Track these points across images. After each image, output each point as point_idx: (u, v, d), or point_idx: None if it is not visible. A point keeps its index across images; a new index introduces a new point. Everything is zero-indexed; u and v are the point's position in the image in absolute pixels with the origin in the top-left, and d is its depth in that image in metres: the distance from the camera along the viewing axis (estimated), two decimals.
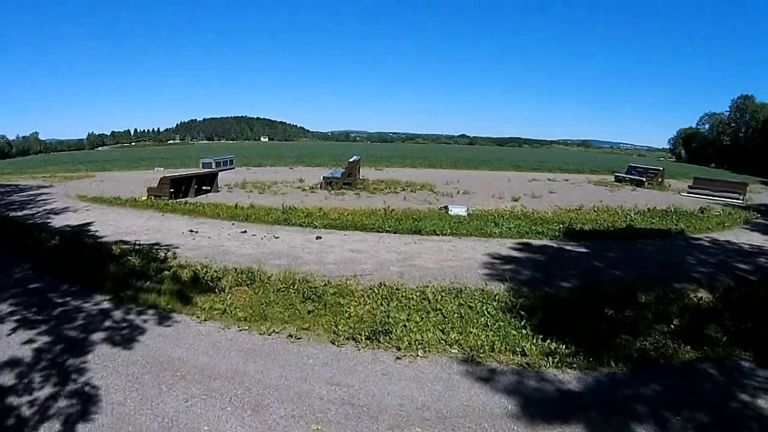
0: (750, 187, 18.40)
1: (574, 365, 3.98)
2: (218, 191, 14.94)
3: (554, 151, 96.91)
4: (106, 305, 4.94)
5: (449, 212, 11.04)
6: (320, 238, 7.76)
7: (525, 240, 8.41)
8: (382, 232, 8.44)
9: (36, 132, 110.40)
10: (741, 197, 16.73)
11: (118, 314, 4.65)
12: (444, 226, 8.85)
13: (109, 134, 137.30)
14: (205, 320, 4.52)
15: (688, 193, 17.94)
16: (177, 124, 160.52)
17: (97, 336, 4.15)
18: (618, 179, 21.93)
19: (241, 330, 4.30)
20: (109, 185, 17.56)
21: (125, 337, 4.12)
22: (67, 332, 4.28)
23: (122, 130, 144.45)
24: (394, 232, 8.38)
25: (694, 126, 73.00)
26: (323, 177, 15.32)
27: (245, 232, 8.28)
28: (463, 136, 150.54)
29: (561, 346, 4.23)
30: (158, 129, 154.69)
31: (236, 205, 11.11)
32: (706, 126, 68.18)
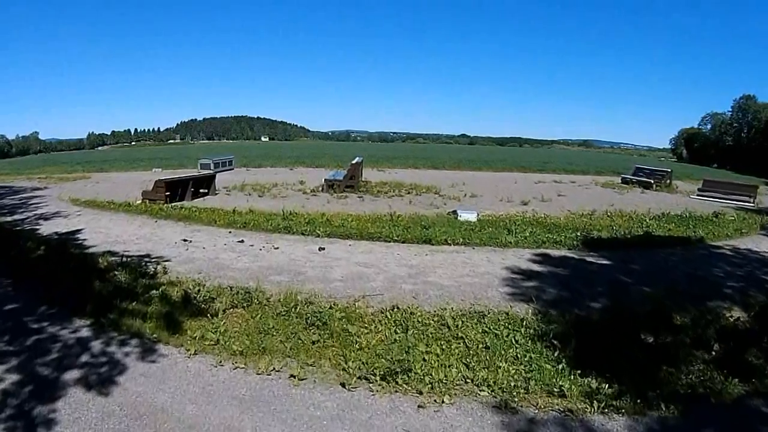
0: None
1: (622, 410, 3.42)
2: (216, 194, 14.36)
3: (555, 151, 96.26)
4: (85, 333, 4.37)
5: (458, 218, 10.48)
6: (324, 249, 7.17)
7: (543, 250, 7.85)
8: (390, 241, 7.86)
9: (36, 132, 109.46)
10: (752, 200, 16.23)
11: (97, 345, 4.08)
12: (455, 235, 8.29)
13: (109, 134, 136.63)
14: (195, 354, 3.94)
15: (698, 195, 17.42)
16: (177, 124, 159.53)
17: (72, 375, 3.57)
18: (625, 181, 21.39)
19: (236, 367, 3.71)
20: (105, 187, 17.01)
21: (102, 377, 3.54)
22: (39, 369, 3.71)
23: (122, 130, 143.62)
24: (403, 242, 7.81)
25: (694, 126, 72.66)
26: (325, 179, 14.74)
27: (242, 241, 7.70)
28: (463, 135, 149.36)
29: (603, 384, 3.68)
30: (158, 129, 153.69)
31: (234, 210, 10.51)
32: (708, 126, 67.72)
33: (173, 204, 12.14)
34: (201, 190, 14.08)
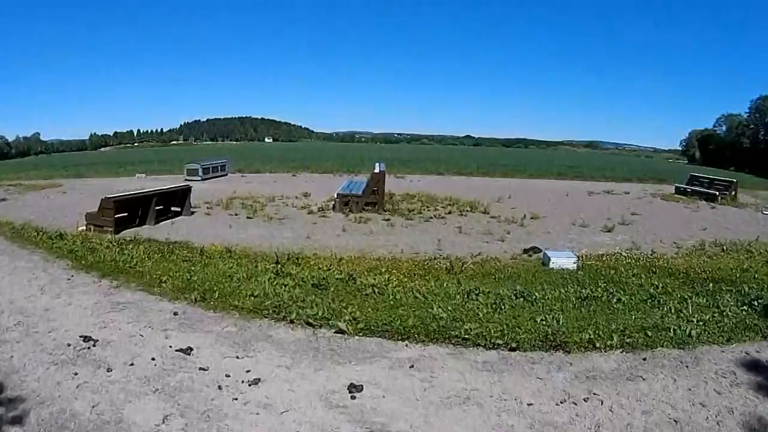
0: None
1: None
2: (193, 212, 10.45)
3: (561, 152, 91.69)
4: None
5: (550, 264, 6.57)
6: (360, 390, 3.09)
7: (744, 351, 3.99)
8: (484, 345, 3.83)
9: (37, 132, 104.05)
10: None
11: None
12: (592, 319, 4.34)
13: (111, 135, 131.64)
14: None
15: None
16: (181, 125, 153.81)
17: None
18: (679, 191, 17.59)
19: None
20: (65, 201, 13.22)
21: None
22: None
23: (125, 131, 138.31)
24: (513, 348, 3.82)
25: (700, 128, 68.96)
26: (337, 194, 10.76)
27: (190, 351, 3.71)
28: (468, 137, 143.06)
29: None
30: (161, 129, 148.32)
31: (202, 250, 6.60)
32: (723, 128, 63.67)
33: (123, 234, 8.24)
34: (173, 208, 10.17)
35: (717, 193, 16.27)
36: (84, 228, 8.84)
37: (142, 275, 5.50)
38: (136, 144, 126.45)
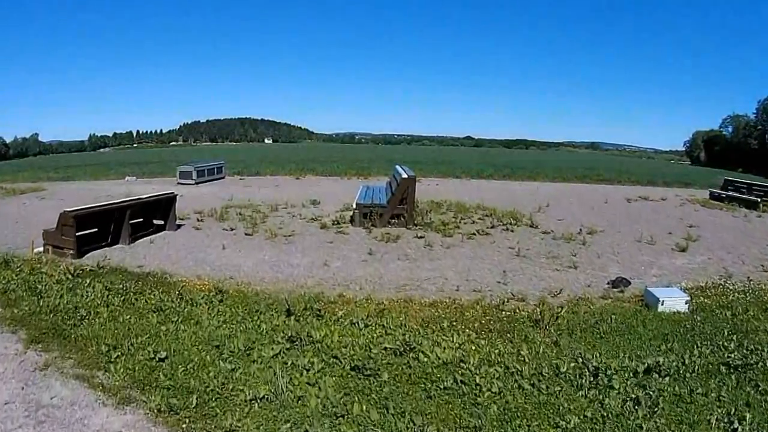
0: None
1: None
2: (179, 226, 8.50)
3: (563, 153, 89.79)
4: None
5: (658, 307, 4.69)
6: None
7: None
8: None
9: (36, 133, 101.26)
10: None
11: None
12: None
13: (111, 135, 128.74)
14: None
15: None
16: (180, 126, 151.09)
17: None
18: (714, 196, 15.79)
19: None
20: (40, 208, 11.31)
21: None
22: None
23: (124, 132, 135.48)
24: None
25: (703, 128, 67.26)
26: (357, 204, 8.80)
27: None
28: (468, 138, 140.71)
29: None
30: (161, 130, 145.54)
31: (181, 291, 4.66)
32: (729, 128, 61.92)
33: (87, 258, 6.30)
34: (155, 221, 8.23)
35: (759, 200, 14.51)
36: (41, 249, 6.90)
37: (87, 342, 3.53)
38: (135, 145, 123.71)
